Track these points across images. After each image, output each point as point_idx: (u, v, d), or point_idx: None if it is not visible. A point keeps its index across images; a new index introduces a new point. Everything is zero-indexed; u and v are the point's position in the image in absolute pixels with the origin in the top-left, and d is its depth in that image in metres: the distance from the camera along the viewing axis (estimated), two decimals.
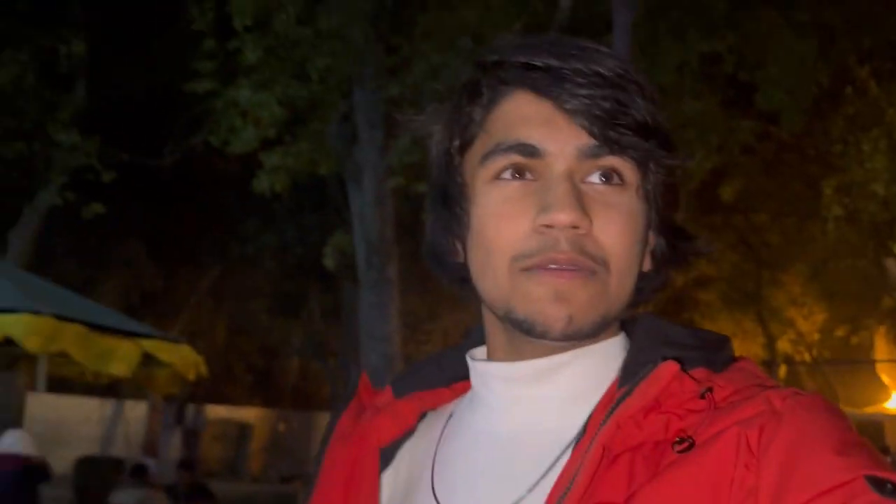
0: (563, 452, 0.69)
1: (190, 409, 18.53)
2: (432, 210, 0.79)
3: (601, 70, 0.70)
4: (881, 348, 18.58)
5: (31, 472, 5.61)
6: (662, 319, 0.75)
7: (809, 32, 7.50)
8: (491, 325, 0.77)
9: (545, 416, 0.73)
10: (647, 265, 0.75)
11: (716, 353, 0.70)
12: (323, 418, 21.05)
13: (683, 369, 0.66)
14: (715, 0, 6.66)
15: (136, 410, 17.84)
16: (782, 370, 18.17)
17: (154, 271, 16.82)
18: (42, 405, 14.08)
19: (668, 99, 7.45)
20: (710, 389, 0.65)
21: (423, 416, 0.82)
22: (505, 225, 0.70)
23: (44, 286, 5.72)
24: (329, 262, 7.68)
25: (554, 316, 0.67)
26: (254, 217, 13.60)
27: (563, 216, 0.67)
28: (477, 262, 0.73)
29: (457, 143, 0.75)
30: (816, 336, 18.35)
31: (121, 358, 4.76)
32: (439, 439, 0.79)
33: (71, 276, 13.71)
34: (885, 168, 11.01)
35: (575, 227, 0.67)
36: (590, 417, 0.68)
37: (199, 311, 18.19)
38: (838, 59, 9.33)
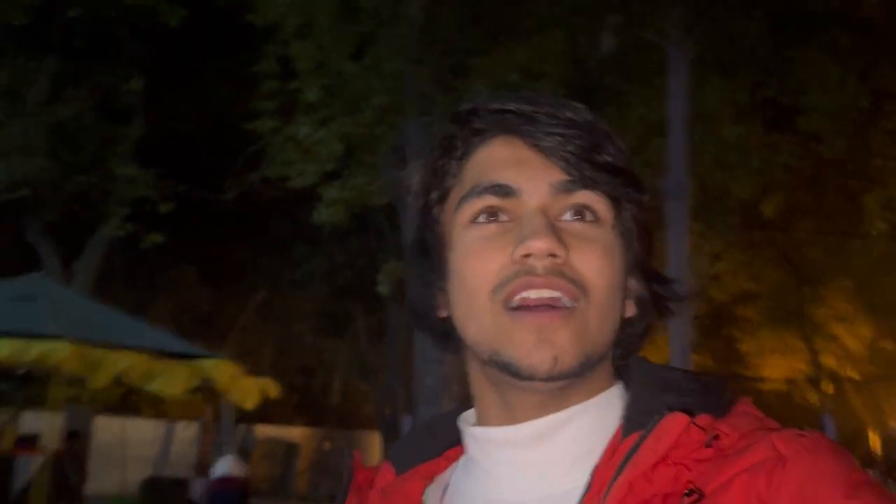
0: None
1: (240, 429, 18.93)
2: (413, 265, 0.79)
3: (572, 115, 0.72)
4: None
5: (244, 490, 6.66)
6: (656, 364, 0.74)
7: (849, 59, 7.65)
8: (479, 384, 0.75)
9: (550, 479, 0.70)
10: (631, 311, 0.75)
11: (716, 397, 0.70)
12: (366, 437, 21.32)
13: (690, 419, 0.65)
14: (761, 39, 6.88)
15: (188, 431, 18.29)
16: (828, 387, 18.00)
17: (204, 295, 17.33)
18: (102, 427, 14.55)
19: (710, 124, 7.67)
20: (716, 437, 0.64)
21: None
22: (482, 262, 0.70)
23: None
24: (383, 288, 7.97)
25: (539, 358, 0.66)
26: (302, 242, 13.99)
27: (540, 243, 0.67)
28: (460, 306, 0.72)
29: (434, 195, 0.77)
30: (862, 351, 18.16)
31: (254, 394, 5.66)
32: None
33: (126, 301, 14.22)
34: None
35: (552, 256, 0.68)
36: (594, 470, 0.67)
37: (247, 333, 18.63)
38: (878, 77, 9.43)
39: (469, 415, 0.79)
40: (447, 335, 0.77)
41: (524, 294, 0.67)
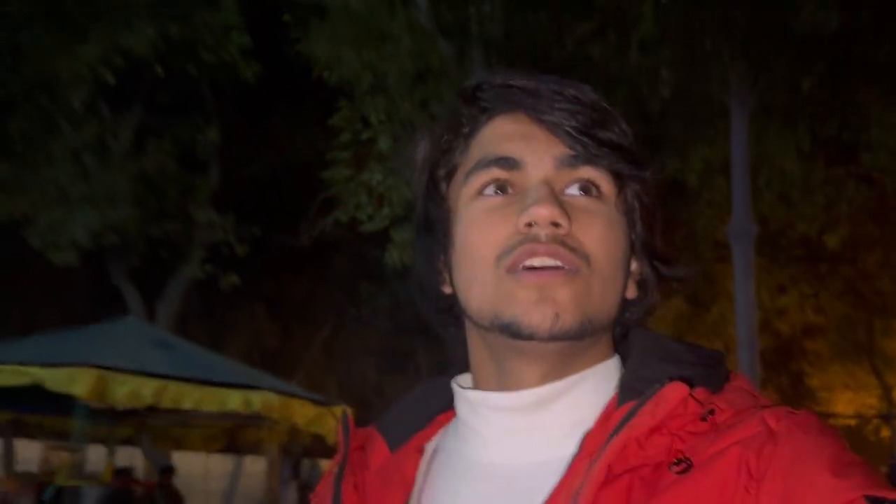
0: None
1: (305, 464, 19.30)
2: (418, 240, 0.80)
3: (576, 93, 0.73)
4: None
5: None
6: (655, 334, 0.74)
7: None
8: (478, 351, 0.75)
9: (543, 447, 0.70)
10: (632, 292, 0.75)
11: (713, 371, 0.70)
12: None
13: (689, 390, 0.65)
14: (822, 87, 7.05)
15: (256, 465, 18.74)
16: None
17: (273, 331, 17.91)
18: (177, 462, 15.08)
19: (773, 164, 7.80)
20: (711, 412, 0.65)
21: None
22: (488, 231, 0.71)
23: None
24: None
25: (540, 316, 0.67)
26: (367, 280, 14.43)
27: (543, 210, 0.68)
28: (464, 275, 0.73)
29: (441, 171, 0.77)
30: None
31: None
32: (426, 474, 0.77)
33: (200, 338, 14.85)
34: None
35: (555, 225, 0.68)
36: (585, 436, 0.67)
37: (313, 369, 19.11)
38: None
39: (463, 379, 0.78)
40: (449, 310, 0.78)
41: (528, 262, 0.68)
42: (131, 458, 11.55)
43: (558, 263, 0.67)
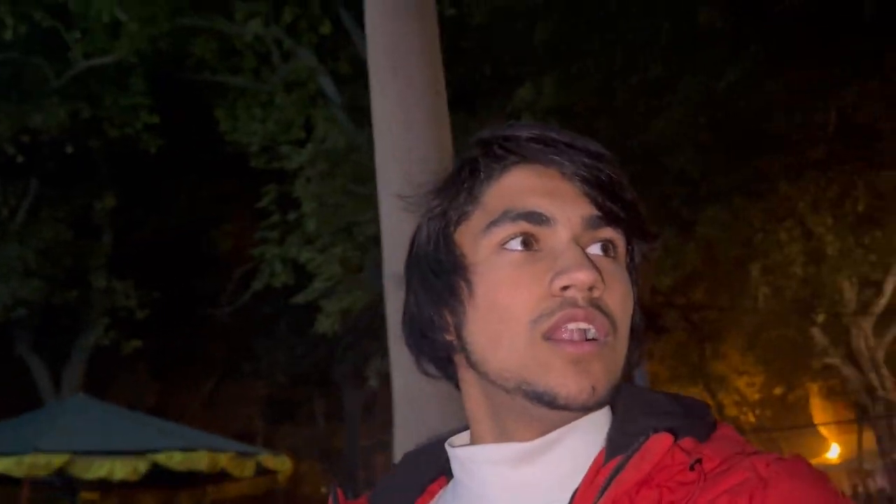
0: None
1: None
2: (420, 284, 0.78)
3: (591, 147, 0.75)
4: (815, 403, 20.70)
5: None
6: (641, 387, 0.75)
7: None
8: (476, 406, 0.75)
9: (534, 499, 0.70)
10: None
11: (699, 421, 0.70)
12: None
13: (674, 440, 0.65)
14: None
15: None
16: None
17: (153, 387, 17.87)
18: None
19: None
20: (699, 461, 0.64)
21: None
22: (519, 291, 0.70)
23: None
24: (373, 382, 9.27)
25: (577, 388, 0.67)
26: (262, 336, 14.97)
27: (584, 275, 0.68)
28: (488, 332, 0.71)
29: (454, 215, 0.76)
30: (757, 396, 20.36)
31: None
32: None
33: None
34: (800, 252, 13.24)
35: (591, 289, 0.69)
36: (575, 493, 0.66)
37: (194, 422, 19.14)
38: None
39: (455, 439, 0.80)
40: (446, 359, 0.78)
41: (567, 326, 0.68)
42: None
43: (593, 330, 0.69)
